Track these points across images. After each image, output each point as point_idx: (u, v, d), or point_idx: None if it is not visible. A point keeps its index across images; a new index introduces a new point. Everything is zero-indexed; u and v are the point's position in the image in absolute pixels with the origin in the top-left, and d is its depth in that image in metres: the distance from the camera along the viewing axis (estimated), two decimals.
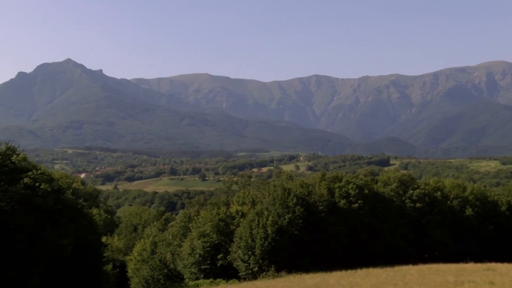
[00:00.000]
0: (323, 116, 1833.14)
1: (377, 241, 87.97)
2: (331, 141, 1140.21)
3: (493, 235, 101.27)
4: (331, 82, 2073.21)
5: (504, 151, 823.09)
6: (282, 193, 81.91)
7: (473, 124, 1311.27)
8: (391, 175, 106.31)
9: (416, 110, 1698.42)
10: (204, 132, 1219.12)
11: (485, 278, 59.37)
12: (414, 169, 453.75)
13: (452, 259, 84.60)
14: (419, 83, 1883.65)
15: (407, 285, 55.90)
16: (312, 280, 64.98)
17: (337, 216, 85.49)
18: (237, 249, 78.77)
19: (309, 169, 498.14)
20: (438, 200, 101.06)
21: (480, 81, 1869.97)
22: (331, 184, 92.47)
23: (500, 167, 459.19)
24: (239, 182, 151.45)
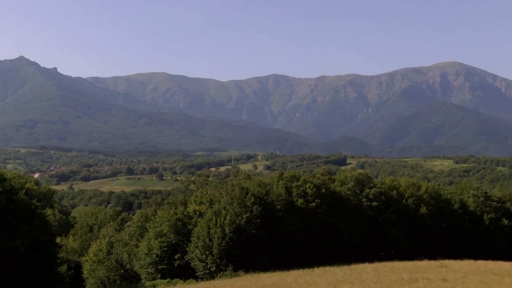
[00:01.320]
0: (281, 116, 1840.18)
1: (334, 240, 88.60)
2: (289, 140, 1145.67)
3: (447, 232, 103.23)
4: (289, 81, 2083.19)
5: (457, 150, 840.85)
6: (240, 193, 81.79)
7: (428, 124, 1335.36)
8: (348, 174, 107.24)
9: (373, 109, 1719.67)
10: (162, 131, 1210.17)
11: (438, 275, 60.47)
12: (371, 168, 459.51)
13: (407, 257, 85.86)
14: (375, 83, 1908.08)
15: (363, 283, 56.40)
16: (269, 279, 65.02)
17: (295, 215, 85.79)
18: (195, 249, 78.35)
19: (267, 168, 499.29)
20: (394, 199, 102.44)
21: (434, 81, 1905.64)
22: (289, 183, 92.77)
23: (453, 166, 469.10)
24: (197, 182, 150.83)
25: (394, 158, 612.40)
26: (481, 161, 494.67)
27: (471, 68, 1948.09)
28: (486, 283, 53.56)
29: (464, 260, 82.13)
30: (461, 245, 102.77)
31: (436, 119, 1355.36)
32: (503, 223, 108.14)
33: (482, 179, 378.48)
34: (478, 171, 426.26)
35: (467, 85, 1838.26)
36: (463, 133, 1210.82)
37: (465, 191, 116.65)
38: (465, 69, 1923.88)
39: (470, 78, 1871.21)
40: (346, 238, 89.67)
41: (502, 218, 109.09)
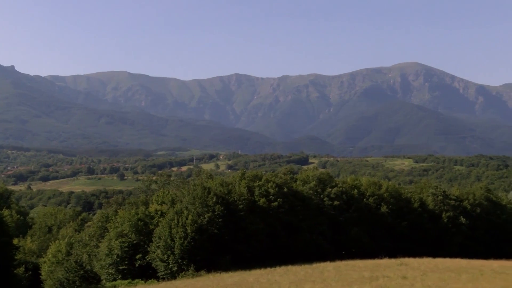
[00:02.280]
0: (243, 115, 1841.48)
1: (296, 239, 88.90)
2: (251, 140, 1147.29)
3: (406, 231, 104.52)
4: (251, 81, 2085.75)
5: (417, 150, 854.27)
6: (202, 192, 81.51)
7: (388, 124, 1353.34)
8: (309, 174, 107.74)
9: (334, 109, 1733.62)
10: (123, 131, 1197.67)
11: (398, 273, 61.23)
12: (332, 167, 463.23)
13: (368, 255, 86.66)
14: (337, 83, 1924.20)
15: (324, 281, 56.73)
16: (231, 279, 64.93)
17: (257, 215, 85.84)
18: (156, 249, 77.77)
19: (229, 168, 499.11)
20: (355, 198, 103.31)
21: (394, 81, 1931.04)
22: (251, 182, 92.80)
23: (413, 165, 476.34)
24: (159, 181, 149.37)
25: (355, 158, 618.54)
26: (440, 160, 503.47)
27: (430, 68, 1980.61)
28: (444, 280, 54.45)
29: (423, 258, 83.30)
30: (421, 243, 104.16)
31: (396, 119, 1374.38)
32: (460, 221, 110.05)
33: (441, 178, 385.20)
34: (437, 170, 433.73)
35: (426, 86, 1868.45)
36: (423, 133, 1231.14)
37: (425, 190, 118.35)
38: (425, 69, 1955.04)
39: (429, 78, 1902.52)
40: (308, 237, 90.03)
41: (460, 216, 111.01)
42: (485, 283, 51.30)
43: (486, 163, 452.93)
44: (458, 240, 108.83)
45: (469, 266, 70.64)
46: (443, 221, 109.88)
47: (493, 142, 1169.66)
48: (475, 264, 73.58)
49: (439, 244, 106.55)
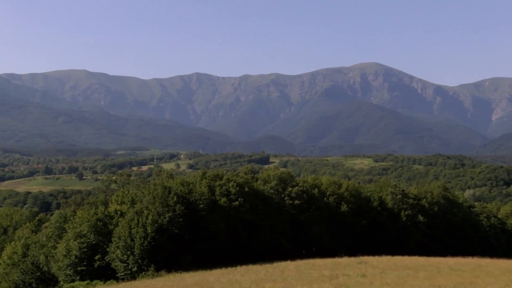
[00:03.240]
0: (204, 114, 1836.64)
1: (257, 238, 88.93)
2: (212, 139, 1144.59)
3: (366, 229, 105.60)
4: (212, 80, 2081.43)
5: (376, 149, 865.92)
6: (163, 192, 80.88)
7: (348, 123, 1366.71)
8: (270, 173, 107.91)
9: (295, 109, 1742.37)
10: (82, 130, 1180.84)
11: (357, 271, 61.82)
12: (293, 166, 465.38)
13: (328, 254, 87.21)
14: (297, 82, 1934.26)
15: (285, 280, 56.89)
16: (192, 279, 64.63)
17: (218, 214, 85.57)
18: (116, 249, 76.87)
19: (190, 167, 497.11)
20: (316, 197, 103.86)
21: (354, 81, 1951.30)
22: (212, 182, 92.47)
23: (373, 165, 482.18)
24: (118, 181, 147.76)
25: (316, 157, 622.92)
26: (398, 159, 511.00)
27: (390, 69, 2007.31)
28: (402, 278, 55.17)
29: (382, 256, 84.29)
30: (380, 241, 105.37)
31: (356, 118, 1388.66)
32: (418, 220, 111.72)
33: (400, 177, 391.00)
34: (396, 169, 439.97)
35: (385, 86, 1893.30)
36: (382, 132, 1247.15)
37: (384, 189, 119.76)
38: (384, 70, 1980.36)
39: (389, 78, 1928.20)
40: (269, 237, 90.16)
41: (418, 214, 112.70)
42: (441, 280, 52.16)
43: (444, 162, 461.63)
44: (416, 238, 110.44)
45: (427, 263, 71.75)
46: (401, 219, 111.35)
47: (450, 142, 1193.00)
48: (432, 262, 74.78)
49: (398, 242, 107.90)
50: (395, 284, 49.38)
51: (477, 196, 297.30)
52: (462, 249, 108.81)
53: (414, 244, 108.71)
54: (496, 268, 66.64)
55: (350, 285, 49.94)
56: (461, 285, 47.18)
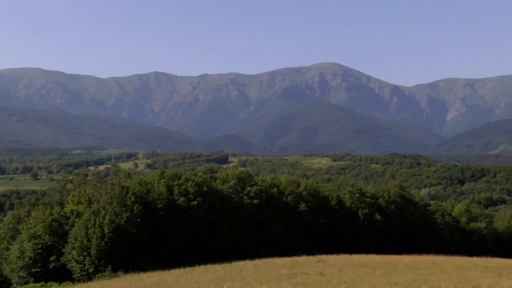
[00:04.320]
0: (163, 114, 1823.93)
1: (216, 238, 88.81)
2: (171, 138, 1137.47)
3: (324, 228, 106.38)
4: (171, 79, 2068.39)
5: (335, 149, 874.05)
6: (120, 192, 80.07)
7: (307, 123, 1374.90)
8: (229, 173, 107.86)
9: (254, 108, 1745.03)
10: (36, 129, 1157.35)
11: (316, 269, 62.26)
12: (252, 166, 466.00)
13: (286, 253, 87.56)
14: (256, 82, 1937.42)
15: (244, 280, 56.91)
16: (150, 279, 64.16)
17: (176, 214, 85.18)
18: (72, 250, 75.81)
19: (148, 167, 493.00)
20: (274, 196, 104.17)
21: (313, 81, 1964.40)
22: (170, 182, 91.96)
23: (331, 164, 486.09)
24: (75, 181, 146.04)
25: (274, 156, 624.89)
26: (356, 158, 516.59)
27: (348, 69, 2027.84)
28: (360, 276, 55.77)
29: (340, 254, 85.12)
30: (338, 240, 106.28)
31: (315, 118, 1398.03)
32: (376, 218, 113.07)
33: (358, 176, 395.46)
34: (353, 168, 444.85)
35: (343, 85, 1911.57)
36: (340, 132, 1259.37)
37: (342, 188, 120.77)
38: (342, 69, 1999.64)
39: (347, 78, 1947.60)
40: (228, 236, 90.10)
41: (375, 213, 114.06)
42: (398, 278, 52.89)
43: (400, 162, 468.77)
44: (374, 236, 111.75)
45: (384, 261, 72.71)
46: (359, 218, 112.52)
47: (406, 141, 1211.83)
48: (389, 260, 75.83)
49: (355, 241, 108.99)
50: (353, 282, 49.85)
51: (433, 195, 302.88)
52: (418, 247, 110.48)
53: (371, 242, 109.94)
54: (450, 265, 68.03)
55: (308, 283, 50.21)
56: (416, 282, 47.91)
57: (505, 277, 52.51)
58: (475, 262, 73.90)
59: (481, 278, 50.84)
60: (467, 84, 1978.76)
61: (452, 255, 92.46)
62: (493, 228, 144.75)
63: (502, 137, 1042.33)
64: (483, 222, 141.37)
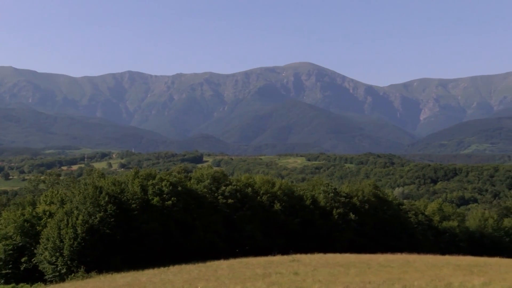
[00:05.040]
0: (137, 113, 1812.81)
1: (190, 238, 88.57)
2: (145, 138, 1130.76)
3: (299, 228, 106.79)
4: (145, 78, 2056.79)
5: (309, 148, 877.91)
6: (94, 192, 79.40)
7: (282, 122, 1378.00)
8: (204, 172, 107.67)
9: (229, 108, 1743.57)
10: (8, 129, 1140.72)
11: (290, 269, 62.40)
12: (227, 165, 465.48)
13: (261, 253, 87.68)
14: (231, 81, 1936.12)
15: (218, 279, 56.80)
16: (123, 279, 63.72)
17: (151, 214, 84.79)
18: (44, 251, 74.97)
19: (122, 166, 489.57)
20: (249, 196, 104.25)
21: (288, 80, 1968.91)
22: (145, 181, 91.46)
23: (306, 163, 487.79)
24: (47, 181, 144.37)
25: (249, 156, 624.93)
26: (331, 158, 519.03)
27: (322, 68, 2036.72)
28: (334, 275, 56.02)
29: (315, 253, 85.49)
30: (312, 239, 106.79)
31: (289, 117, 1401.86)
32: (350, 218, 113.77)
33: (332, 176, 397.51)
34: (328, 168, 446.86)
35: (318, 85, 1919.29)
36: (315, 131, 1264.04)
37: (316, 188, 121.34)
38: (317, 69, 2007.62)
39: (321, 78, 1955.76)
40: (202, 236, 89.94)
41: (350, 212, 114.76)
42: (371, 276, 53.23)
43: (374, 161, 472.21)
44: (348, 235, 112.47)
45: (358, 260, 73.16)
46: (333, 217, 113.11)
47: (380, 141, 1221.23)
48: (363, 259, 76.34)
49: (330, 240, 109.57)
50: (327, 281, 50.03)
51: (406, 194, 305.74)
52: (392, 245, 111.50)
53: (345, 241, 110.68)
54: (423, 263, 68.74)
55: (283, 283, 50.27)
56: (390, 281, 48.25)
57: (476, 275, 53.19)
58: (447, 261, 74.83)
59: (453, 276, 51.42)
60: (440, 84, 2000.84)
61: (425, 254, 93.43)
62: (465, 227, 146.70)
63: (474, 137, 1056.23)
64: (455, 221, 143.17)
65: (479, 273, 55.81)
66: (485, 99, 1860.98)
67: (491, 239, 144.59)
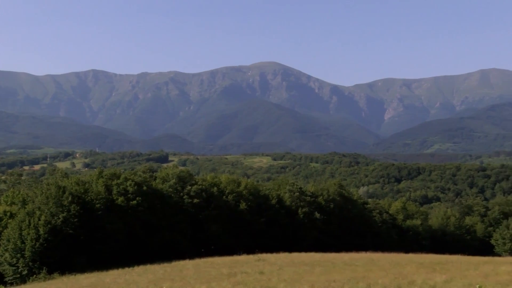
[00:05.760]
0: (101, 112, 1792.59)
1: (156, 238, 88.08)
2: (109, 137, 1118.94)
3: (264, 227, 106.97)
4: (109, 77, 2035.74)
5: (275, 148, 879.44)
6: (56, 192, 78.31)
7: (248, 122, 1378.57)
8: (169, 172, 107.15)
9: (195, 107, 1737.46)
10: None
11: (256, 268, 62.46)
12: (192, 165, 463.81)
13: (227, 252, 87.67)
14: (197, 80, 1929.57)
15: (183, 279, 56.55)
16: (87, 280, 62.99)
17: (115, 214, 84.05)
18: (4, 252, 73.68)
19: (86, 166, 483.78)
20: (215, 196, 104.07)
21: (254, 80, 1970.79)
22: (109, 181, 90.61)
23: (272, 163, 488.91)
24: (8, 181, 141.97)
25: (215, 155, 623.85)
26: (296, 157, 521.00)
27: (288, 68, 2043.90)
28: (299, 273, 56.25)
29: (280, 253, 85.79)
30: (278, 238, 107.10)
31: (255, 117, 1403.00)
32: (315, 217, 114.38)
33: (298, 175, 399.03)
34: (294, 167, 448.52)
35: (284, 85, 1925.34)
36: (281, 131, 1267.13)
37: (282, 187, 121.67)
38: (282, 69, 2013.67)
39: (287, 78, 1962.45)
40: (167, 236, 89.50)
41: (315, 212, 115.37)
42: (336, 275, 53.58)
43: (339, 160, 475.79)
44: (313, 234, 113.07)
45: (323, 259, 73.62)
46: (299, 216, 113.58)
47: (345, 140, 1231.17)
48: (328, 257, 76.86)
49: (295, 239, 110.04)
50: (292, 280, 50.18)
51: (371, 193, 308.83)
52: (356, 244, 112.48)
53: (311, 240, 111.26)
54: (387, 262, 69.49)
55: (248, 282, 50.27)
56: (354, 279, 48.63)
57: (438, 272, 53.95)
58: (410, 259, 75.80)
59: (416, 274, 52.08)
60: (404, 84, 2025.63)
61: (389, 252, 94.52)
62: (428, 225, 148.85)
63: (436, 137, 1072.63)
64: (418, 220, 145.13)
65: (441, 270, 56.61)
66: (448, 99, 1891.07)
67: (453, 237, 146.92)
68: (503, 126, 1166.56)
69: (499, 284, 42.85)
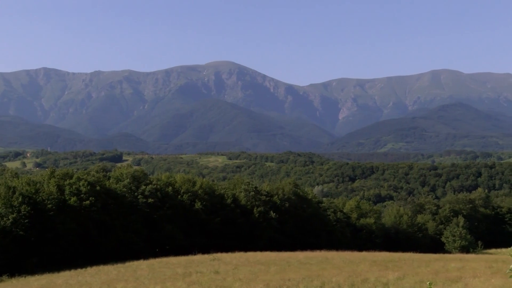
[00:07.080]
0: (53, 111, 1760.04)
1: (109, 238, 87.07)
2: (62, 137, 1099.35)
3: (220, 226, 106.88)
4: (61, 76, 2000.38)
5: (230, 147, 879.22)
6: (6, 192, 76.59)
7: (203, 121, 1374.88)
8: (123, 171, 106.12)
9: (149, 106, 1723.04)
10: None
11: (211, 268, 62.36)
12: (147, 165, 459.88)
13: (182, 252, 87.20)
14: (151, 79, 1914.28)
15: (138, 280, 56.02)
16: (38, 282, 61.72)
17: (67, 214, 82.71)
18: None
19: (37, 166, 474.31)
20: (170, 195, 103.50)
21: (209, 79, 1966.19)
22: (61, 181, 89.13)
23: (227, 162, 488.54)
24: None
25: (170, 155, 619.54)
26: (252, 157, 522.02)
27: (243, 67, 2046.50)
28: (255, 273, 56.33)
29: (236, 252, 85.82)
30: (233, 238, 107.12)
31: (210, 116, 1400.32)
32: (270, 216, 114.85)
33: (253, 174, 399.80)
34: (249, 166, 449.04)
35: (239, 84, 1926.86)
36: (236, 130, 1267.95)
37: (237, 186, 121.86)
38: (238, 68, 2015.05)
39: (242, 77, 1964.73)
40: (121, 236, 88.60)
41: (270, 211, 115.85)
42: (291, 274, 53.85)
43: (294, 160, 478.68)
44: (269, 234, 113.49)
45: (278, 258, 73.92)
46: (254, 216, 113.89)
47: (300, 139, 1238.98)
48: (283, 256, 77.21)
49: (250, 239, 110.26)
50: (247, 280, 50.22)
51: (325, 192, 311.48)
52: (311, 243, 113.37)
53: (266, 239, 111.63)
54: (341, 260, 70.25)
55: (203, 282, 50.09)
56: (309, 277, 48.96)
57: (391, 270, 54.78)
58: (364, 257, 76.79)
59: (369, 272, 52.77)
60: (358, 84, 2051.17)
61: (343, 251, 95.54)
62: (381, 224, 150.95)
63: (390, 136, 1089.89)
64: (372, 218, 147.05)
65: (394, 268, 57.52)
66: (401, 99, 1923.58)
67: (406, 234, 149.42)
68: (453, 125, 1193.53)
69: (449, 280, 43.80)
